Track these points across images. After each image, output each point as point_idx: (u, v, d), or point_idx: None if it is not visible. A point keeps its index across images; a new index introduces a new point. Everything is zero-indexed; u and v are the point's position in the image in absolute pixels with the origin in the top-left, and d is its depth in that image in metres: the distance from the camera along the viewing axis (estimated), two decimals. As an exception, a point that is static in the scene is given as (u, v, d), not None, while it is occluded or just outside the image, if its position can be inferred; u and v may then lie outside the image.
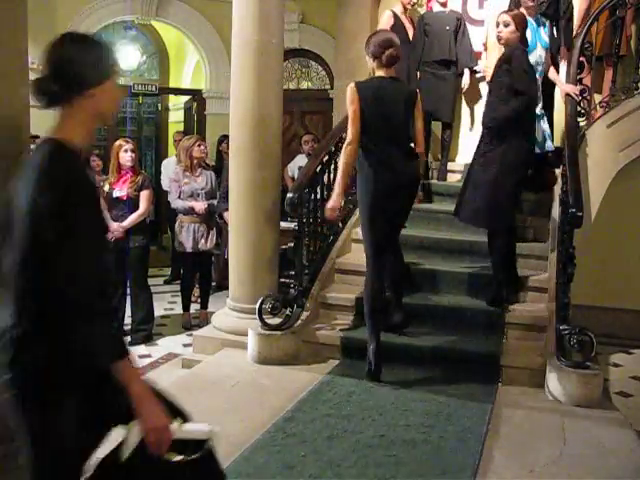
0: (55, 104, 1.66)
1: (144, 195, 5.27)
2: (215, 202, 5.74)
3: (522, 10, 4.62)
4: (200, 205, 5.56)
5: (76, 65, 1.63)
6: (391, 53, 3.66)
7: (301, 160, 6.41)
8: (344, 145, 3.75)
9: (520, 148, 4.07)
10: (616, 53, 5.27)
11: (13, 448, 2.10)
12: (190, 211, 5.59)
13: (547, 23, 4.95)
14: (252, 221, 4.46)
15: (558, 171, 4.78)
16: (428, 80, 5.56)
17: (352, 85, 3.71)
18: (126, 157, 5.20)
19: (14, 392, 1.59)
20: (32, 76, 1.86)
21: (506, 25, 4.11)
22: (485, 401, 3.51)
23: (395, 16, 5.38)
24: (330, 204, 3.84)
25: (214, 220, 5.79)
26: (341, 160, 3.82)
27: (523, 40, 4.19)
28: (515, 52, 4.06)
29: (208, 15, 8.01)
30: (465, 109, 6.28)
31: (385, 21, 5.39)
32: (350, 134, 3.67)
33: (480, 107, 6.34)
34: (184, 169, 5.73)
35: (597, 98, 5.33)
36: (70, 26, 7.48)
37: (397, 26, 5.28)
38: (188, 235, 5.62)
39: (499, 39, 4.17)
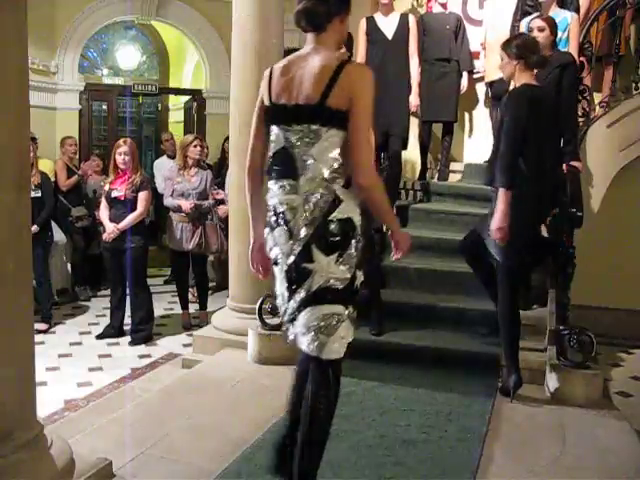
0: None
1: (142, 196, 5.27)
2: (206, 203, 5.66)
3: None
4: (187, 204, 5.51)
5: None
6: None
7: None
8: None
9: None
10: (616, 53, 5.27)
11: (13, 448, 2.10)
12: (179, 209, 5.57)
13: None
14: (252, 221, 4.45)
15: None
16: (428, 81, 5.56)
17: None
18: (119, 159, 5.21)
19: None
20: (32, 76, 1.87)
21: (541, 30, 4.09)
22: (485, 401, 3.51)
23: (368, 20, 5.33)
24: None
25: (202, 221, 5.67)
26: None
27: (554, 43, 4.24)
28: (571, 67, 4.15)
29: (208, 15, 8.00)
30: (464, 110, 6.28)
31: (359, 30, 5.32)
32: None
33: (479, 108, 6.37)
34: (179, 167, 5.71)
35: (597, 98, 5.33)
36: (70, 26, 7.50)
37: (371, 28, 5.25)
38: (175, 233, 5.61)
39: None
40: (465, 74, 5.74)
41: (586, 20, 5.04)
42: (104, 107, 8.72)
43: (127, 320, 5.46)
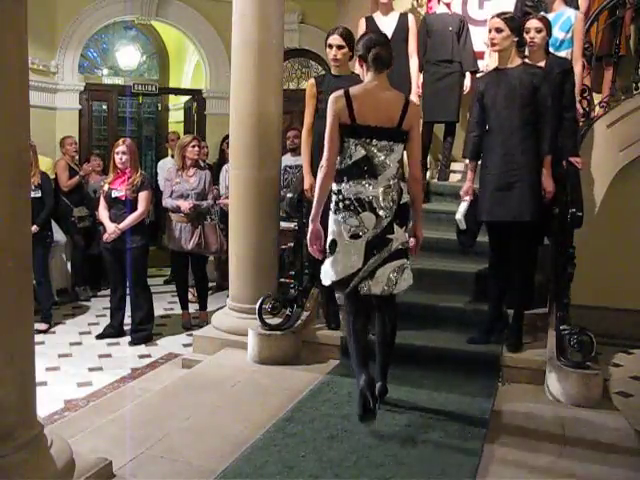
0: None
1: (142, 196, 5.27)
2: (205, 203, 5.68)
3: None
4: (185, 205, 5.52)
5: None
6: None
7: (287, 160, 6.05)
8: None
9: None
10: (616, 53, 5.28)
11: (13, 447, 2.10)
12: (178, 210, 5.58)
13: None
14: (252, 221, 4.46)
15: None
16: (431, 82, 5.56)
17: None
18: (117, 159, 5.22)
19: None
20: (32, 76, 1.88)
21: (539, 31, 4.10)
22: (485, 401, 3.51)
23: (368, 20, 5.32)
24: None
25: (201, 221, 5.69)
26: None
27: (548, 44, 4.26)
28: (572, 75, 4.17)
29: (208, 15, 8.01)
30: (466, 110, 6.27)
31: (359, 30, 5.30)
32: None
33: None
34: (177, 168, 5.72)
35: (597, 98, 5.33)
36: (70, 26, 7.50)
37: (371, 28, 5.21)
38: (174, 233, 5.61)
39: (532, 45, 4.13)
40: (468, 75, 5.74)
41: (586, 20, 5.03)
42: (104, 107, 8.72)
43: (127, 320, 5.46)
